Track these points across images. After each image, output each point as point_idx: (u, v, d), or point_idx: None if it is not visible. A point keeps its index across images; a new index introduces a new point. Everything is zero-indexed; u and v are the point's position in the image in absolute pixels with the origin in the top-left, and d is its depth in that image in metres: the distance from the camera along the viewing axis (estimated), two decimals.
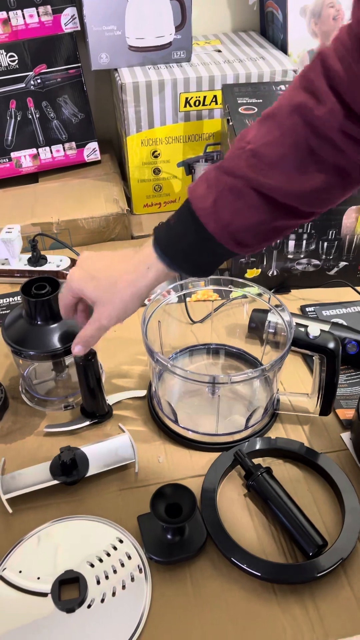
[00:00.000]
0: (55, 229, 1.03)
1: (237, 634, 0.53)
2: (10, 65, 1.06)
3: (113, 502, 0.64)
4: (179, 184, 1.13)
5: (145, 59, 1.04)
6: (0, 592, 0.56)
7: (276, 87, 0.95)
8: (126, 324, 0.89)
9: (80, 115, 1.14)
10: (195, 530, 0.60)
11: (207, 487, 0.64)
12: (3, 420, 0.74)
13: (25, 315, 0.71)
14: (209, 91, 1.02)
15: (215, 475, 0.65)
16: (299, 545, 0.59)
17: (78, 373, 0.69)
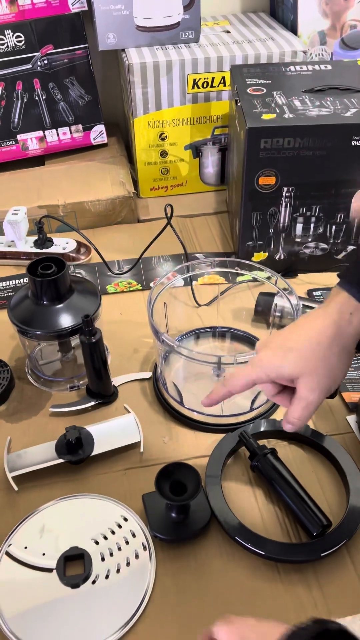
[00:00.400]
0: (61, 212, 1.03)
1: (240, 611, 0.54)
2: (17, 45, 1.05)
3: (118, 481, 0.65)
4: (186, 167, 1.12)
5: (153, 39, 1.03)
6: (6, 567, 0.57)
7: (285, 68, 0.94)
8: (132, 307, 0.89)
9: (87, 97, 1.13)
10: (200, 510, 0.60)
11: (212, 467, 0.64)
12: (9, 400, 0.75)
13: (32, 295, 0.71)
14: (217, 72, 1.01)
15: (220, 456, 0.65)
16: (303, 525, 0.59)
17: (84, 354, 0.69)
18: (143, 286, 0.94)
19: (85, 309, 0.71)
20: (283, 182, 0.83)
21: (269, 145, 0.79)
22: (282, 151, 0.79)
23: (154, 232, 0.94)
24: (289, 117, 0.79)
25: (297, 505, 0.60)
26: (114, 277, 0.95)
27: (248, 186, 0.83)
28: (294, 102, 0.83)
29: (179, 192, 1.15)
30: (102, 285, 0.93)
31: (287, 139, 0.78)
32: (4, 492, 0.64)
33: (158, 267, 0.97)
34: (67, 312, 0.70)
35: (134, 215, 1.08)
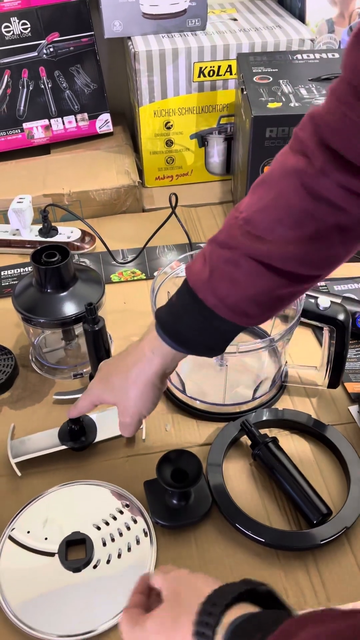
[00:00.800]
0: (66, 201, 1.03)
1: None
2: (22, 33, 1.05)
3: (120, 468, 0.65)
4: (191, 156, 1.11)
5: (159, 27, 1.02)
6: (9, 551, 0.58)
7: (292, 56, 0.93)
8: (136, 296, 0.90)
9: (92, 86, 1.13)
10: (201, 497, 0.60)
11: (214, 455, 0.64)
12: (13, 388, 0.75)
13: (36, 283, 0.71)
14: (223, 61, 1.00)
15: (221, 444, 0.65)
16: (304, 513, 0.59)
17: (87, 342, 0.69)
18: (147, 275, 0.94)
19: (89, 297, 0.71)
20: None
21: (275, 134, 0.78)
22: (287, 140, 0.78)
23: (158, 221, 0.93)
24: (294, 106, 0.79)
25: (298, 493, 0.60)
26: (118, 266, 0.95)
27: (253, 175, 0.83)
28: (300, 90, 0.82)
29: (184, 181, 1.15)
30: (106, 274, 0.94)
31: (292, 127, 0.77)
32: (8, 477, 0.64)
33: (162, 256, 0.97)
34: (71, 300, 0.70)
35: (139, 205, 1.08)
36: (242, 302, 0.49)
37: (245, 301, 0.49)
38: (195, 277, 0.50)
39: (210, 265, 0.49)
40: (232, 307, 0.49)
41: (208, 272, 0.49)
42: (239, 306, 0.49)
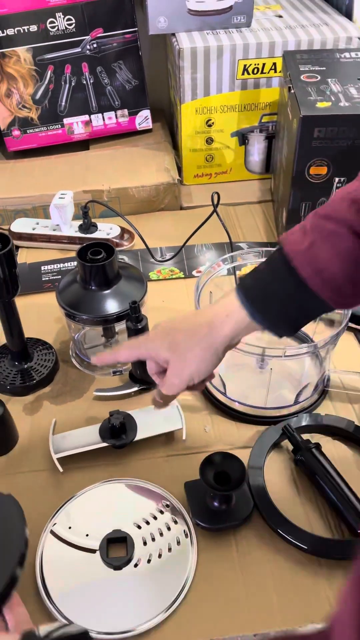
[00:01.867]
0: (105, 197, 1.03)
1: (280, 603, 0.54)
2: (67, 28, 1.05)
3: (160, 467, 0.65)
4: (231, 154, 1.10)
5: (204, 23, 1.01)
6: (51, 545, 0.58)
7: (340, 54, 0.92)
8: (174, 295, 0.89)
9: (134, 82, 1.12)
10: (242, 500, 0.60)
11: (255, 459, 0.64)
12: (54, 382, 0.76)
13: (80, 280, 0.71)
14: (268, 58, 0.99)
15: (262, 447, 0.65)
16: (346, 521, 0.58)
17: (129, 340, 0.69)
18: (185, 274, 0.93)
19: (132, 295, 0.71)
20: (335, 172, 0.81)
21: (323, 134, 0.77)
22: (335, 140, 0.77)
23: (196, 219, 0.93)
24: (344, 106, 0.77)
25: (341, 500, 0.59)
26: (157, 264, 0.95)
27: (298, 175, 0.82)
28: (349, 89, 0.81)
29: (223, 179, 1.14)
30: (144, 271, 0.94)
31: (342, 128, 0.76)
32: (49, 472, 0.65)
33: (201, 255, 0.97)
34: (114, 298, 0.70)
35: (177, 202, 1.07)
36: (339, 278, 0.46)
37: (342, 277, 0.46)
38: (292, 246, 0.48)
39: (312, 235, 0.47)
40: (327, 281, 0.47)
41: (308, 242, 0.47)
42: (335, 281, 0.47)
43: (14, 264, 0.65)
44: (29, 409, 0.72)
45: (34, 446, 0.68)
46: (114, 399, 0.73)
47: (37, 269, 0.94)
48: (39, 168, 1.11)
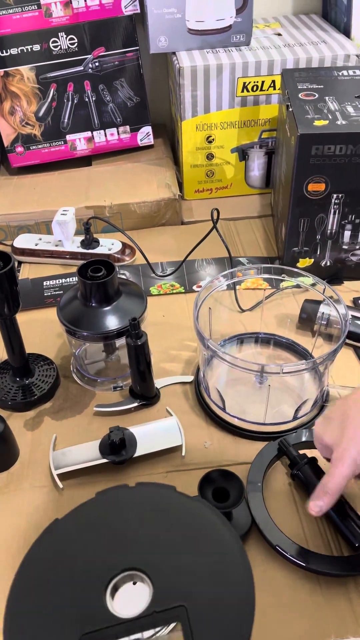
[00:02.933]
0: (107, 213, 1.05)
1: (279, 621, 0.54)
2: (69, 48, 1.07)
3: None
4: (231, 170, 1.12)
5: (204, 42, 1.03)
6: None
7: (338, 72, 0.93)
8: (174, 310, 0.90)
9: (135, 99, 1.14)
10: (241, 517, 0.60)
11: (254, 475, 0.64)
12: (54, 398, 0.76)
13: (81, 296, 0.72)
14: (267, 76, 1.00)
15: (261, 464, 0.65)
16: (345, 536, 0.58)
17: (129, 356, 0.70)
18: (186, 289, 0.94)
19: (132, 311, 0.72)
20: (333, 189, 0.82)
21: (320, 152, 0.78)
22: (333, 158, 0.78)
23: (197, 234, 0.94)
24: (341, 124, 0.78)
25: (339, 515, 0.59)
26: (157, 279, 0.96)
27: (297, 192, 0.83)
28: (346, 108, 0.82)
29: (224, 194, 1.15)
30: (145, 286, 0.94)
31: (339, 145, 0.77)
32: (49, 488, 0.65)
33: (201, 270, 0.98)
34: (114, 315, 0.71)
35: (178, 217, 1.09)
36: None
37: None
38: None
39: None
40: None
41: None
42: None
43: (15, 282, 0.66)
44: (29, 425, 0.73)
45: (34, 462, 0.68)
46: (115, 415, 0.74)
47: (39, 285, 0.95)
48: (42, 184, 1.13)
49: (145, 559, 0.41)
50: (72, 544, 0.43)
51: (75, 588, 0.39)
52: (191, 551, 0.41)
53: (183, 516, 0.44)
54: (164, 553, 0.41)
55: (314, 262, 0.91)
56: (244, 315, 0.87)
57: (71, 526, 0.45)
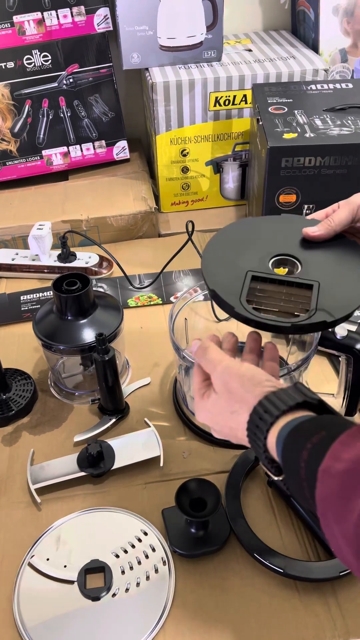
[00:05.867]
0: (84, 226, 1.05)
1: (259, 628, 0.54)
2: (43, 65, 1.08)
3: (138, 495, 0.66)
4: (206, 182, 1.13)
5: (176, 58, 1.05)
6: (28, 578, 0.58)
7: (307, 86, 0.95)
8: (153, 321, 0.91)
9: (110, 114, 1.15)
10: (219, 525, 0.60)
11: (231, 483, 0.64)
12: (32, 412, 0.76)
13: (56, 310, 0.72)
14: (239, 90, 1.02)
15: (239, 471, 0.66)
16: (321, 541, 0.59)
17: (97, 371, 0.69)
18: (163, 300, 0.95)
19: (108, 323, 0.72)
20: (304, 200, 0.83)
21: (290, 164, 0.80)
22: (303, 170, 0.80)
23: (174, 246, 0.95)
24: (310, 137, 0.80)
25: (315, 521, 0.60)
26: (135, 291, 0.97)
27: (269, 203, 0.84)
28: (315, 121, 0.84)
29: (200, 206, 1.16)
30: (123, 299, 0.95)
31: (308, 157, 0.79)
32: (27, 503, 0.65)
33: (178, 281, 0.99)
34: (90, 327, 0.72)
35: (155, 230, 1.10)
36: None
37: None
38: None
39: None
40: None
41: None
42: None
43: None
44: (7, 440, 0.72)
45: (12, 477, 0.68)
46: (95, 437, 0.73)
47: (16, 299, 0.95)
48: (19, 199, 1.13)
49: (301, 254, 0.57)
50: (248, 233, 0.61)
51: (252, 252, 0.57)
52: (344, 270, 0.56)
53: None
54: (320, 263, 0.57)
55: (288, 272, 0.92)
56: (220, 325, 0.88)
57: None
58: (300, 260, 0.57)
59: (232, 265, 0.56)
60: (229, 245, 0.59)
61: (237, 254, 0.57)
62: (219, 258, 0.57)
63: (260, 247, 0.57)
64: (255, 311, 0.52)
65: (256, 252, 0.57)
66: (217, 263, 0.57)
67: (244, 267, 0.55)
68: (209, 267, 0.56)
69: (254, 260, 0.56)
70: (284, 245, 0.57)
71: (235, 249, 0.58)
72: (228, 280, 0.54)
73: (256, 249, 0.57)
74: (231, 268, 0.55)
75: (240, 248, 0.58)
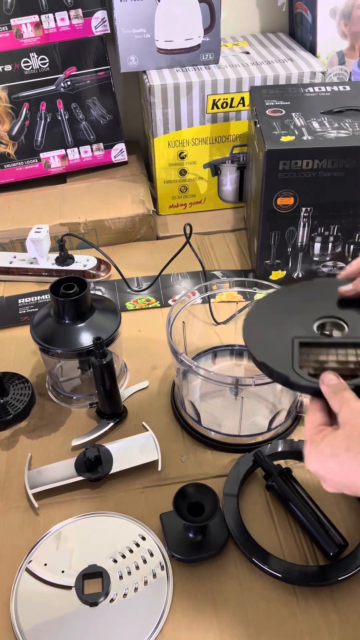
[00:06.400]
0: (82, 229, 1.05)
1: (257, 633, 0.54)
2: (41, 68, 1.08)
3: (136, 499, 0.66)
4: (204, 185, 1.13)
5: (174, 61, 1.05)
6: (26, 583, 0.58)
7: (304, 89, 0.95)
8: (151, 324, 0.91)
9: (108, 117, 1.15)
10: (217, 530, 0.60)
11: (229, 487, 0.64)
12: (30, 417, 0.76)
13: (54, 314, 0.72)
14: (236, 93, 1.02)
15: (237, 476, 0.65)
16: (320, 545, 0.59)
17: (95, 375, 0.69)
18: (161, 303, 0.95)
19: (106, 327, 0.72)
20: (301, 203, 0.83)
21: (288, 166, 0.80)
22: (300, 172, 0.80)
23: (172, 249, 0.95)
24: (307, 139, 0.80)
25: (313, 525, 0.60)
26: (133, 294, 0.97)
27: (266, 206, 0.84)
28: (312, 123, 0.84)
29: (198, 209, 1.16)
30: (121, 302, 0.95)
31: (305, 160, 0.79)
32: (24, 508, 0.65)
33: (176, 284, 0.98)
34: (88, 331, 0.71)
35: (153, 233, 1.09)
36: None
37: None
38: None
39: None
40: None
41: None
42: None
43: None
44: (5, 445, 0.72)
45: (9, 482, 0.68)
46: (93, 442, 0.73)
47: (14, 302, 0.95)
48: (17, 202, 1.13)
49: (345, 315, 0.56)
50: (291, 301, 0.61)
51: (294, 319, 0.56)
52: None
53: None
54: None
55: (286, 274, 0.93)
56: (218, 328, 0.88)
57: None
58: (346, 321, 0.55)
59: (276, 334, 0.55)
60: (268, 315, 0.59)
61: (278, 323, 0.57)
62: (261, 329, 0.57)
63: (301, 313, 0.57)
64: (312, 377, 0.50)
65: (298, 318, 0.56)
66: (260, 334, 0.56)
67: (289, 335, 0.54)
68: (252, 339, 0.55)
69: (298, 327, 0.55)
70: (325, 308, 0.56)
71: (275, 318, 0.58)
72: (276, 350, 0.53)
73: (297, 315, 0.57)
74: (276, 337, 0.54)
75: (280, 317, 0.58)
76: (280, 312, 0.59)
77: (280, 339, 0.53)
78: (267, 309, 0.60)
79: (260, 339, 0.55)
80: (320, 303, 0.57)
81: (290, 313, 0.58)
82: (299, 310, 0.57)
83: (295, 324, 0.55)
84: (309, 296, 0.60)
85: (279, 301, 0.62)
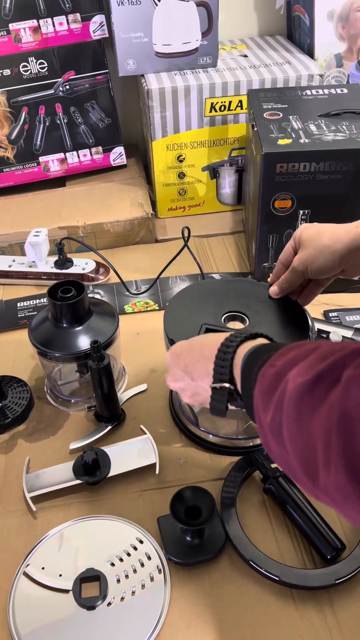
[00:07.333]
0: (81, 233, 1.05)
1: (254, 636, 0.54)
2: (40, 72, 1.08)
3: (134, 502, 0.66)
4: (203, 187, 1.13)
5: (172, 64, 1.05)
6: (24, 587, 0.58)
7: (302, 92, 0.95)
8: (149, 327, 0.91)
9: (107, 120, 1.16)
10: (215, 533, 0.60)
11: (227, 491, 0.64)
12: (28, 420, 0.76)
13: (52, 317, 0.72)
14: (234, 96, 1.03)
15: (235, 479, 0.65)
16: (317, 548, 0.59)
17: (92, 378, 0.69)
18: (160, 306, 0.95)
19: (104, 331, 0.72)
20: (299, 205, 0.83)
21: (285, 169, 0.80)
22: (298, 175, 0.80)
23: (171, 251, 0.95)
24: (304, 142, 0.80)
25: (311, 528, 0.60)
26: (132, 297, 0.97)
27: (264, 209, 0.84)
28: (309, 126, 0.84)
29: (196, 212, 1.17)
30: (120, 305, 0.95)
31: (302, 163, 0.79)
32: (22, 512, 0.65)
33: (175, 287, 0.99)
34: (86, 335, 0.72)
35: (152, 235, 1.10)
36: None
37: None
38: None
39: None
40: None
41: None
42: None
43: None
44: (3, 448, 0.72)
45: (7, 486, 0.68)
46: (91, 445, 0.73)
47: (13, 306, 0.95)
48: (16, 205, 1.13)
49: (249, 312, 0.68)
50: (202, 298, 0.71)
51: (207, 310, 0.68)
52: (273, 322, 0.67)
53: None
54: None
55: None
56: None
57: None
58: (248, 316, 0.67)
59: (190, 320, 0.66)
60: (187, 304, 0.70)
61: (194, 311, 0.68)
62: (179, 314, 0.68)
63: (214, 305, 0.68)
64: None
65: (211, 309, 0.68)
66: (176, 318, 0.67)
67: (200, 321, 0.65)
68: (169, 321, 0.67)
69: (209, 317, 0.66)
70: (236, 304, 0.68)
71: (192, 308, 0.69)
72: (186, 331, 0.63)
73: (210, 307, 0.68)
74: (189, 322, 0.66)
75: (196, 306, 0.69)
76: (197, 302, 0.70)
77: (192, 324, 0.65)
78: (188, 299, 0.71)
79: (175, 322, 0.67)
80: (234, 299, 0.69)
81: (205, 304, 0.69)
82: (214, 302, 0.69)
83: (208, 314, 0.67)
84: (228, 291, 0.71)
85: (201, 291, 0.72)
